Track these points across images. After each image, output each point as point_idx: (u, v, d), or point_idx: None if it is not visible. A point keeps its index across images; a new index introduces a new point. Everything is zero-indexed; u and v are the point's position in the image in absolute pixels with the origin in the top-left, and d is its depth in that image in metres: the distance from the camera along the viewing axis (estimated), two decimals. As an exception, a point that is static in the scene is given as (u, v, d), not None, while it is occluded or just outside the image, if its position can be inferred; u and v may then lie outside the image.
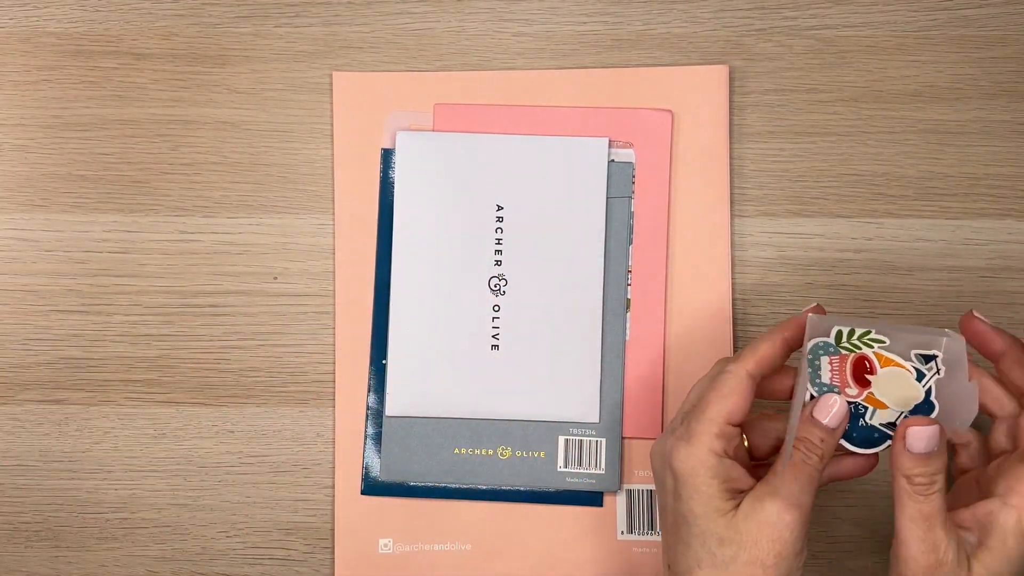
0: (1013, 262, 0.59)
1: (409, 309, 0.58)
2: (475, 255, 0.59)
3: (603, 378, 0.58)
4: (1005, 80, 0.60)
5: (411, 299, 0.58)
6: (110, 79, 0.60)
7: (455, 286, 0.58)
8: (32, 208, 0.60)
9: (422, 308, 0.58)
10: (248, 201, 0.60)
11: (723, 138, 0.59)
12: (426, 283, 0.59)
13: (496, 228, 0.58)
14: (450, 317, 0.58)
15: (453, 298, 0.58)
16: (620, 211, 0.59)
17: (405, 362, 0.58)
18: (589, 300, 0.58)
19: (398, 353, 0.58)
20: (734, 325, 0.59)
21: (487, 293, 0.58)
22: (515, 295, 0.58)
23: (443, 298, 0.58)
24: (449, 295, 0.58)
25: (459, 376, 0.58)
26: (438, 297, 0.58)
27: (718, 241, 0.59)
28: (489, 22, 0.60)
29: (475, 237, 0.58)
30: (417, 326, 0.58)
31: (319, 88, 0.60)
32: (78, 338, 0.59)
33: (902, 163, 0.60)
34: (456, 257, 0.59)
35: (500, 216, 0.58)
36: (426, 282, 0.59)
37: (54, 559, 0.59)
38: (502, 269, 0.58)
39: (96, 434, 0.59)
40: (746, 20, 0.60)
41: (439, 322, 0.58)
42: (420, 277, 0.59)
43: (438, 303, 0.58)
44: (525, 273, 0.58)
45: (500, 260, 0.59)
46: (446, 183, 0.58)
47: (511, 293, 0.58)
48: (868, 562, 0.59)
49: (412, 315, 0.58)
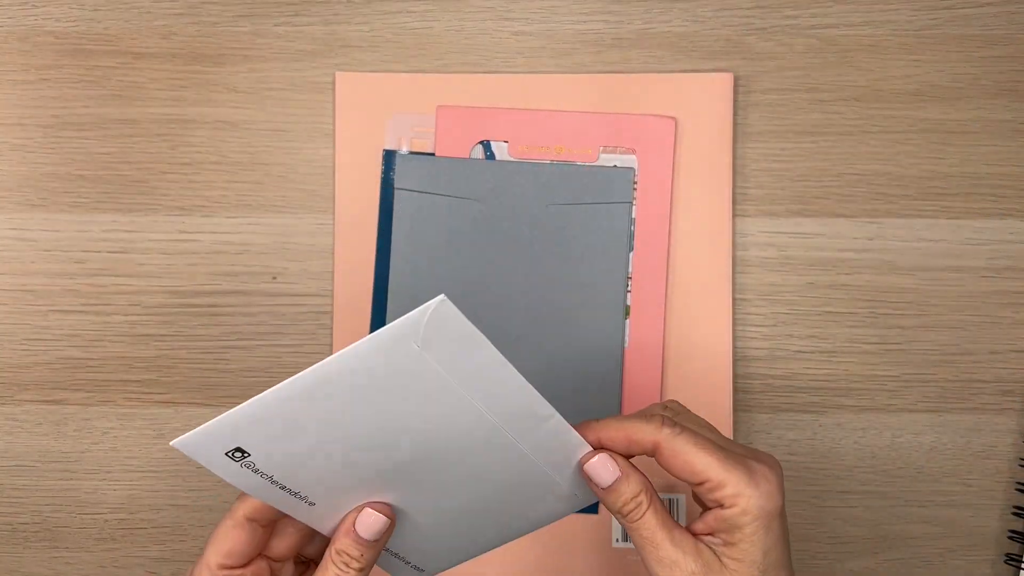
0: (1014, 262, 0.59)
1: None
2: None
3: (601, 385, 0.58)
4: (1006, 79, 0.60)
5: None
6: (109, 78, 0.60)
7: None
8: (31, 208, 0.60)
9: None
10: (247, 201, 0.60)
11: (727, 145, 0.59)
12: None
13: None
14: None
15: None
16: (621, 217, 0.59)
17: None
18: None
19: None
20: (734, 328, 0.59)
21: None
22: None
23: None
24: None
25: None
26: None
27: (720, 247, 0.59)
28: (489, 21, 0.60)
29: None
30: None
31: (319, 87, 0.60)
32: (77, 338, 0.59)
33: (903, 163, 0.60)
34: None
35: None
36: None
37: (52, 559, 0.59)
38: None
39: (95, 434, 0.59)
40: (747, 19, 0.60)
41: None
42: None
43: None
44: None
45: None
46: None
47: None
48: (868, 562, 0.59)
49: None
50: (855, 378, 0.59)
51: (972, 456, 0.59)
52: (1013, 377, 0.59)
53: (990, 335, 0.59)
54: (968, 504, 0.59)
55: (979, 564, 0.59)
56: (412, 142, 0.60)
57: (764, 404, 0.59)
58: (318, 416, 0.42)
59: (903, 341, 0.59)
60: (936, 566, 0.59)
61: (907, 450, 0.59)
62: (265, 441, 0.43)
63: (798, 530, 0.59)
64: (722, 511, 0.43)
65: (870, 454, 0.59)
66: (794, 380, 0.59)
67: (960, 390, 0.59)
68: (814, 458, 0.59)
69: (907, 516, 0.59)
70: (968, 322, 0.59)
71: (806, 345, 0.59)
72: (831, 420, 0.59)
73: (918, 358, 0.59)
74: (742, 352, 0.59)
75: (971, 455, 0.59)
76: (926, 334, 0.59)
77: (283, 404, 0.42)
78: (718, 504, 0.43)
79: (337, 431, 0.43)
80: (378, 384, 0.42)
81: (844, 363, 0.59)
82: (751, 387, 0.59)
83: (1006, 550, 0.59)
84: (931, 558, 0.59)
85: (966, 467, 0.59)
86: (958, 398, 0.59)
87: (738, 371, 0.59)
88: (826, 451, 0.59)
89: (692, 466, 0.43)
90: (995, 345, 0.59)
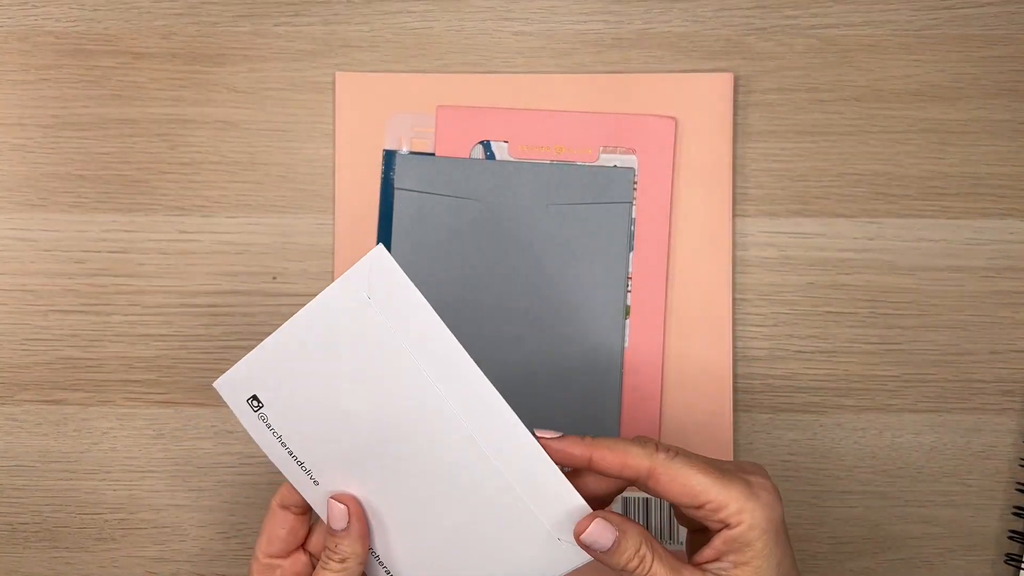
0: (1015, 262, 0.59)
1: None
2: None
3: (601, 385, 0.58)
4: (1006, 79, 0.60)
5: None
6: (109, 78, 0.60)
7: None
8: (31, 208, 0.60)
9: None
10: (247, 201, 0.60)
11: (727, 146, 0.59)
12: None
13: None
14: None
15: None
16: (621, 217, 0.59)
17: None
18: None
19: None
20: (734, 328, 0.59)
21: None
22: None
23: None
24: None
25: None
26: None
27: (720, 247, 0.59)
28: (489, 21, 0.60)
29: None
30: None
31: (318, 87, 0.60)
32: (77, 338, 0.59)
33: (903, 162, 0.60)
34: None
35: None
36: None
37: (52, 560, 0.59)
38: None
39: (95, 434, 0.59)
40: (747, 19, 0.60)
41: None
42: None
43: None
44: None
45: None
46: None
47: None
48: (868, 562, 0.59)
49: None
50: (855, 378, 0.59)
51: (972, 456, 0.59)
52: (1013, 377, 0.59)
53: (990, 335, 0.59)
54: (968, 504, 0.59)
55: (979, 564, 0.59)
56: (412, 142, 0.60)
57: (764, 404, 0.59)
58: (306, 372, 0.45)
59: (903, 341, 0.59)
60: (936, 566, 0.59)
61: (907, 450, 0.59)
62: (274, 392, 0.45)
63: (798, 530, 0.59)
64: (729, 531, 0.43)
65: (870, 454, 0.59)
66: (794, 380, 0.59)
67: (960, 390, 0.59)
68: (814, 458, 0.59)
69: (907, 516, 0.59)
70: (968, 322, 0.59)
71: (806, 345, 0.59)
72: (831, 420, 0.59)
73: (918, 358, 0.59)
74: (742, 352, 0.59)
75: (971, 455, 0.59)
76: (926, 334, 0.59)
77: (280, 352, 0.45)
78: (723, 524, 0.43)
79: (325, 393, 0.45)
80: (341, 337, 0.44)
81: (844, 363, 0.59)
82: (751, 387, 0.59)
83: (1006, 550, 0.59)
84: (931, 558, 0.59)
85: (966, 467, 0.59)
86: (958, 398, 0.59)
87: (738, 371, 0.59)
88: (826, 451, 0.59)
89: (691, 489, 0.43)
90: (995, 345, 0.59)
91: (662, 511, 0.58)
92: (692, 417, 0.58)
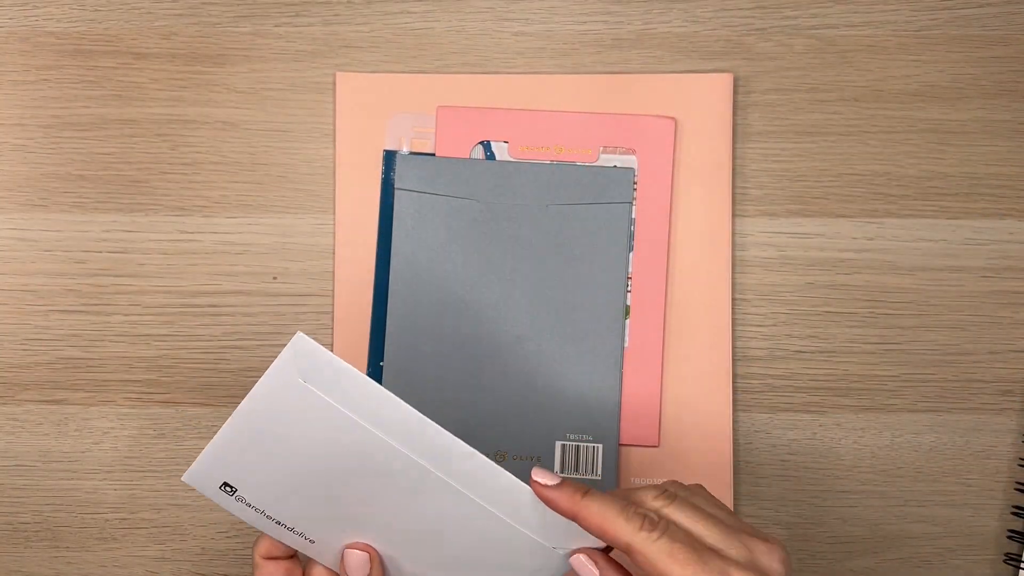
0: (1014, 262, 0.59)
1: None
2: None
3: (601, 385, 0.58)
4: (1006, 80, 0.60)
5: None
6: (109, 79, 0.60)
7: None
8: (31, 208, 0.60)
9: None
10: (247, 201, 0.60)
11: (726, 146, 0.59)
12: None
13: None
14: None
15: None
16: (621, 217, 0.59)
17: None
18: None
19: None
20: (734, 328, 0.59)
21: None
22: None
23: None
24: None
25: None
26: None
27: (719, 247, 0.59)
28: (489, 22, 0.60)
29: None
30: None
31: (319, 88, 0.60)
32: (77, 338, 0.59)
33: (903, 163, 0.60)
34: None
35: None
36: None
37: (53, 559, 0.59)
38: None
39: (96, 434, 0.59)
40: (746, 19, 0.60)
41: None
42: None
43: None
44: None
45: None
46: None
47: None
48: (868, 562, 0.59)
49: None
50: (855, 378, 0.59)
51: (971, 456, 0.59)
52: (1013, 377, 0.59)
53: (989, 335, 0.59)
54: (967, 504, 0.59)
55: (979, 564, 0.59)
56: (412, 142, 0.60)
57: (764, 404, 0.59)
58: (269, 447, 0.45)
59: (902, 341, 0.59)
60: (935, 566, 0.59)
61: (907, 450, 0.59)
62: (242, 475, 0.45)
63: (798, 530, 0.59)
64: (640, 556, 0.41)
65: (870, 454, 0.59)
66: (794, 380, 0.59)
67: (959, 390, 0.59)
68: (814, 458, 0.59)
69: (906, 516, 0.59)
70: (967, 322, 0.59)
71: (806, 345, 0.59)
72: (831, 420, 0.59)
73: (918, 358, 0.59)
74: (742, 352, 0.59)
75: (970, 455, 0.59)
76: (925, 334, 0.59)
77: (237, 438, 0.44)
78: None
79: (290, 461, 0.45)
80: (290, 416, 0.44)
81: (844, 363, 0.59)
82: (751, 387, 0.59)
83: (1005, 550, 0.59)
84: (930, 558, 0.59)
85: (965, 467, 0.59)
86: (958, 398, 0.59)
87: (738, 371, 0.59)
88: (826, 451, 0.59)
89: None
90: (994, 345, 0.59)
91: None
92: (692, 417, 0.58)
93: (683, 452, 0.58)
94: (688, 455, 0.58)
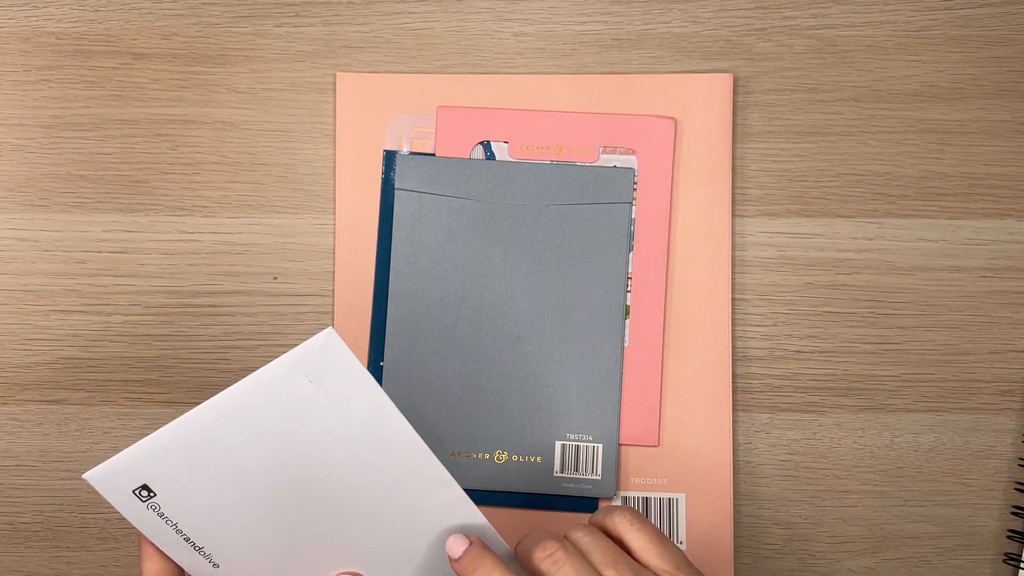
0: (1014, 262, 0.59)
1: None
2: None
3: (601, 385, 0.58)
4: (1006, 80, 0.60)
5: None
6: (110, 79, 0.60)
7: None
8: (32, 208, 0.60)
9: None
10: (248, 201, 0.60)
11: (726, 146, 0.59)
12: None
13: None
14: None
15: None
16: (621, 217, 0.59)
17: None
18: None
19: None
20: (733, 328, 0.59)
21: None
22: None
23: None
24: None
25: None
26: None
27: (719, 247, 0.59)
28: (489, 22, 0.60)
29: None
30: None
31: (319, 88, 0.60)
32: (78, 338, 0.59)
33: (903, 163, 0.60)
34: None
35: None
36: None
37: (54, 559, 0.59)
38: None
39: (96, 434, 0.59)
40: (746, 20, 0.60)
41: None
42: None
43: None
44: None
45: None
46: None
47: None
48: (868, 562, 0.59)
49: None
50: (854, 378, 0.59)
51: (971, 456, 0.59)
52: (1012, 377, 0.59)
53: (989, 335, 0.59)
54: (967, 504, 0.59)
55: (978, 564, 0.59)
56: (412, 142, 0.60)
57: (764, 404, 0.59)
58: (218, 455, 0.42)
59: (902, 341, 0.59)
60: (935, 566, 0.59)
61: (906, 450, 0.59)
62: (170, 480, 0.42)
63: (798, 530, 0.59)
64: None
65: (869, 454, 0.59)
66: (793, 380, 0.59)
67: (959, 390, 0.59)
68: (814, 458, 0.59)
69: (906, 516, 0.59)
70: (967, 322, 0.59)
71: (805, 345, 0.59)
72: (830, 420, 0.59)
73: (917, 358, 0.59)
74: (742, 352, 0.59)
75: (970, 455, 0.59)
76: (925, 334, 0.59)
77: (186, 438, 0.42)
78: None
79: (237, 474, 0.42)
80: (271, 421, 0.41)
81: (843, 363, 0.59)
82: (751, 387, 0.59)
83: (1005, 550, 0.59)
84: (930, 558, 0.59)
85: (965, 467, 0.59)
86: (957, 398, 0.59)
87: (738, 371, 0.59)
88: (825, 451, 0.59)
89: None
90: (994, 345, 0.59)
91: (661, 512, 0.58)
92: (692, 417, 0.58)
93: (683, 452, 0.58)
94: (688, 455, 0.58)
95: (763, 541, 0.59)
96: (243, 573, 0.45)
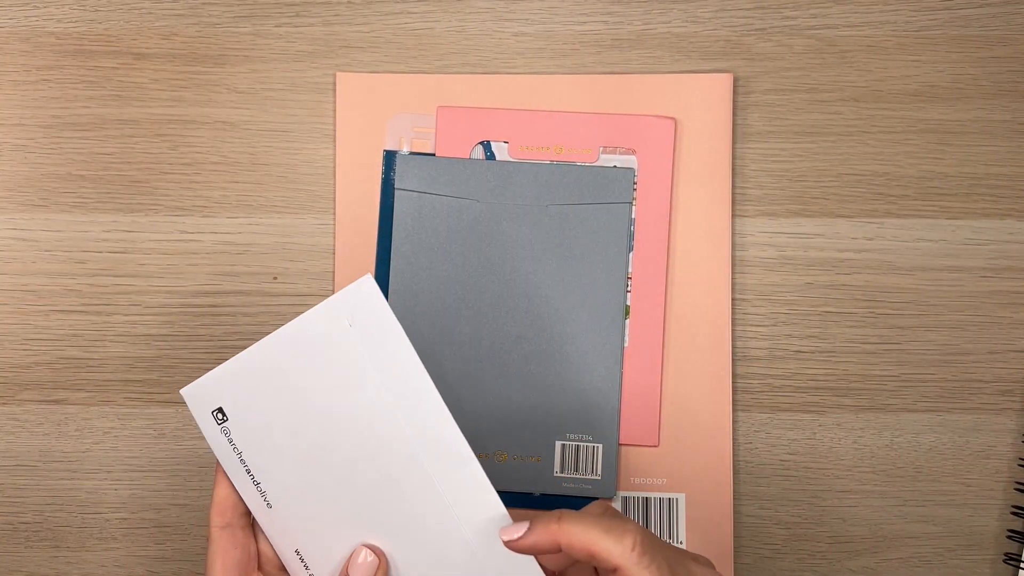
0: (1014, 262, 0.59)
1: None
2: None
3: (601, 384, 0.58)
4: (1006, 80, 0.60)
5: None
6: (110, 79, 0.60)
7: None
8: (32, 208, 0.60)
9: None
10: (248, 201, 0.60)
11: (726, 146, 0.59)
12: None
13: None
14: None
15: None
16: (621, 217, 0.59)
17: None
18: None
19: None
20: (733, 328, 0.59)
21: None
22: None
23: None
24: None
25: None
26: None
27: (719, 247, 0.59)
28: (489, 22, 0.60)
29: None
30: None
31: (319, 88, 0.60)
32: (78, 338, 0.59)
33: (903, 163, 0.60)
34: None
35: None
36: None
37: (54, 559, 0.59)
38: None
39: (96, 434, 0.59)
40: (746, 20, 0.60)
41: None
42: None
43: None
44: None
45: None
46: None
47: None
48: (868, 562, 0.59)
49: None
50: (854, 378, 0.59)
51: (971, 456, 0.59)
52: (1012, 377, 0.59)
53: (989, 335, 0.59)
54: (967, 504, 0.59)
55: (978, 564, 0.59)
56: (412, 142, 0.60)
57: (764, 404, 0.59)
58: (276, 388, 0.45)
59: (902, 341, 0.59)
60: (935, 566, 0.59)
61: (906, 450, 0.59)
62: (240, 406, 0.45)
63: (797, 530, 0.59)
64: None
65: (869, 454, 0.59)
66: (793, 380, 0.59)
67: (959, 390, 0.59)
68: (814, 458, 0.59)
69: (906, 516, 0.59)
70: (967, 322, 0.59)
71: (805, 345, 0.59)
72: (830, 420, 0.59)
73: (917, 358, 0.59)
74: (742, 352, 0.59)
75: (970, 455, 0.59)
76: (925, 334, 0.59)
77: (253, 365, 0.45)
78: None
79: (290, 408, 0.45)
80: (314, 360, 0.44)
81: (843, 363, 0.59)
82: (751, 387, 0.59)
83: (1005, 550, 0.59)
84: (930, 558, 0.59)
85: (965, 467, 0.59)
86: (957, 398, 0.59)
87: (738, 371, 0.59)
88: (825, 451, 0.59)
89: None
90: (994, 345, 0.59)
91: (661, 512, 0.58)
92: (692, 417, 0.58)
93: (683, 452, 0.58)
94: (688, 455, 0.58)
95: (763, 541, 0.59)
96: (290, 518, 0.46)
